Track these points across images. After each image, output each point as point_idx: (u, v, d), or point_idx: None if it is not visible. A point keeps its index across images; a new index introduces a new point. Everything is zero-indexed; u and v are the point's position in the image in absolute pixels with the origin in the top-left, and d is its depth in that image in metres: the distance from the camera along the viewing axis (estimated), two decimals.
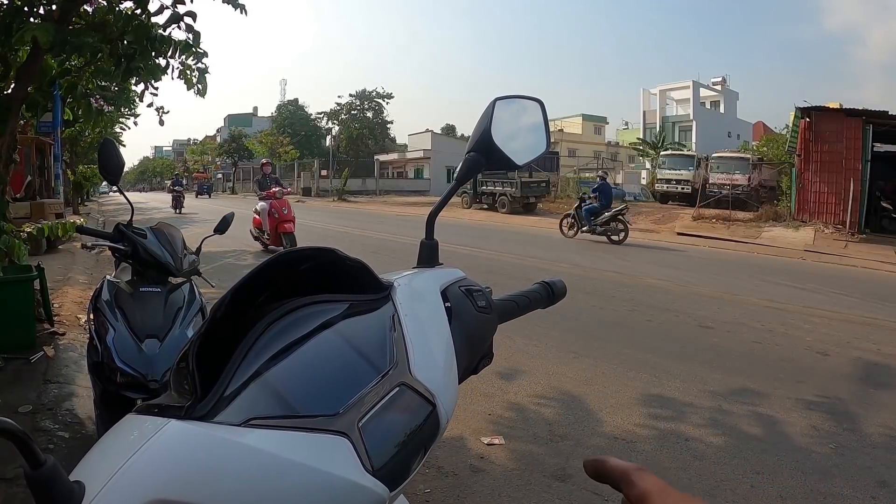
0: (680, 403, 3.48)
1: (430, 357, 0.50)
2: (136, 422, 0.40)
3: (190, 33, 3.86)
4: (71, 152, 16.59)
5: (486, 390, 3.55)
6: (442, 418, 0.47)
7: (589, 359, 4.27)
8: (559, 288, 0.77)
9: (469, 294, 0.61)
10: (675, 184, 22.60)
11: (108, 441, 0.40)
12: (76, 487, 0.35)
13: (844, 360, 4.47)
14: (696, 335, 5.06)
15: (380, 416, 0.43)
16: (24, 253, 4.16)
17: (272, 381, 0.42)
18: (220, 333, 0.45)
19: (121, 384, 1.78)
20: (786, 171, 18.34)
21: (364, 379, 0.45)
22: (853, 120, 14.82)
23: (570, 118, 50.09)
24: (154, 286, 2.01)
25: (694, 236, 14.38)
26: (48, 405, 3.02)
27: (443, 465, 2.65)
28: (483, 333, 0.61)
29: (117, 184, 2.03)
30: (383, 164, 43.53)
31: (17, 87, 3.95)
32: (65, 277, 6.45)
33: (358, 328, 0.49)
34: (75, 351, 3.94)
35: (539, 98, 0.76)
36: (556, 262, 9.28)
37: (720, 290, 7.27)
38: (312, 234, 12.73)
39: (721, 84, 44.52)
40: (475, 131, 0.70)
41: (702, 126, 39.20)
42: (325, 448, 0.40)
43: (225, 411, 0.39)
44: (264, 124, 52.58)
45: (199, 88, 4.21)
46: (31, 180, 10.02)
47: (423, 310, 0.54)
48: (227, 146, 47.73)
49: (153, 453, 0.36)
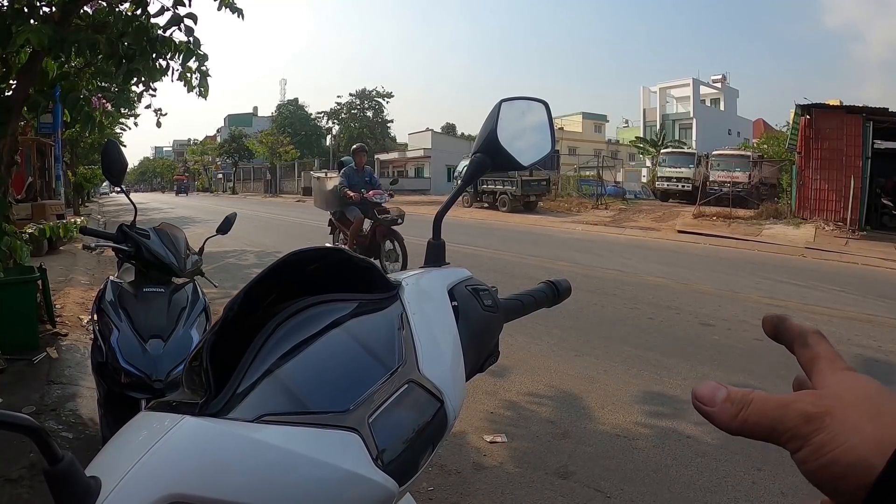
0: (681, 401, 3.48)
1: (437, 355, 0.51)
2: (151, 419, 0.41)
3: (190, 36, 3.87)
4: (72, 153, 16.59)
5: (488, 388, 3.56)
6: (450, 415, 0.48)
7: (590, 357, 4.28)
8: (564, 287, 0.78)
9: (476, 293, 0.62)
10: (676, 182, 22.57)
11: (123, 437, 0.41)
12: (93, 483, 0.36)
13: (845, 358, 4.42)
14: (698, 333, 5.07)
15: (389, 413, 0.44)
16: (25, 254, 4.16)
17: (284, 379, 0.43)
18: (231, 332, 0.45)
19: (125, 384, 1.79)
20: (786, 168, 18.33)
21: (373, 376, 0.46)
22: (853, 117, 14.80)
23: (571, 116, 50.05)
24: (157, 287, 2.02)
25: (695, 234, 14.36)
26: (51, 406, 3.03)
27: (446, 462, 2.66)
28: (489, 332, 0.62)
29: (121, 185, 2.04)
30: (384, 164, 43.51)
31: (18, 88, 3.96)
32: (66, 278, 6.47)
33: (367, 327, 0.49)
34: (78, 352, 3.95)
35: (544, 99, 0.77)
36: (557, 260, 9.28)
37: (721, 287, 7.27)
38: (317, 233, 12.73)
39: (721, 82, 44.52)
40: (481, 132, 0.71)
41: (702, 124, 39.21)
42: (336, 443, 0.41)
43: (238, 408, 0.40)
44: (264, 124, 52.58)
45: (201, 91, 4.21)
46: (32, 182, 10.01)
47: (430, 309, 0.55)
48: (228, 146, 47.76)
49: (168, 449, 0.37)
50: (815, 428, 0.29)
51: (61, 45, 3.36)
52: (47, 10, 3.76)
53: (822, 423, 0.29)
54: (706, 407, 0.33)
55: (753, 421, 0.31)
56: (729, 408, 0.32)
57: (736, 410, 0.32)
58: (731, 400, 0.32)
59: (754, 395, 0.32)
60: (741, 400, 0.32)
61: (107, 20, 3.92)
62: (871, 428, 0.28)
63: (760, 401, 0.31)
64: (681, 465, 2.72)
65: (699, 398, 0.33)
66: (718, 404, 0.32)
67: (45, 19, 3.51)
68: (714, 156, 21.85)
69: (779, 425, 0.30)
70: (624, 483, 2.55)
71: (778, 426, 0.30)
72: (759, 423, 0.31)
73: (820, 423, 0.29)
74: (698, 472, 2.66)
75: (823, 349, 0.35)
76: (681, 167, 22.76)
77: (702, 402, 0.33)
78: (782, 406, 0.30)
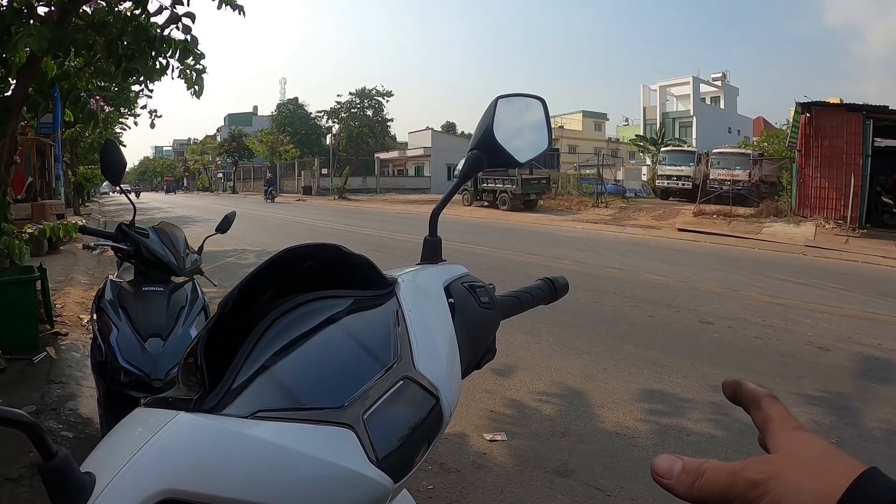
0: (681, 399, 3.48)
1: (433, 351, 0.50)
2: (146, 415, 0.41)
3: (187, 35, 3.86)
4: (72, 153, 16.58)
5: (487, 387, 3.56)
6: (445, 411, 0.48)
7: (590, 355, 4.28)
8: (561, 284, 0.78)
9: (472, 290, 0.62)
10: (676, 180, 22.55)
11: (118, 433, 0.41)
12: (87, 478, 0.36)
13: (845, 355, 4.47)
14: (697, 331, 5.07)
15: (384, 409, 0.44)
16: (25, 254, 4.16)
17: (278, 375, 0.43)
18: (226, 329, 0.45)
19: (124, 383, 1.79)
20: (786, 166, 18.29)
21: (368, 373, 0.46)
22: (853, 115, 14.77)
23: (571, 115, 50.02)
24: (157, 286, 2.02)
25: (695, 232, 14.36)
26: (52, 405, 3.03)
27: (445, 461, 2.66)
28: (486, 329, 0.62)
29: (119, 184, 2.04)
30: (384, 162, 43.50)
31: (18, 88, 3.96)
32: (66, 278, 6.47)
33: (362, 323, 0.49)
34: (78, 351, 3.95)
35: (541, 96, 0.76)
36: (558, 258, 9.28)
37: (721, 285, 7.27)
38: (314, 232, 12.75)
39: (721, 80, 44.45)
40: (477, 129, 0.70)
41: (702, 122, 39.15)
42: (330, 439, 0.41)
43: (233, 404, 0.40)
44: (264, 123, 52.46)
45: (196, 89, 4.21)
46: (32, 181, 10.01)
47: (426, 305, 0.55)
48: (228, 145, 47.67)
49: (162, 445, 0.37)
50: (761, 493, 0.31)
51: (59, 44, 3.36)
52: (46, 10, 3.76)
53: (767, 487, 0.31)
54: (664, 480, 0.35)
55: (708, 490, 0.33)
56: (685, 479, 0.34)
57: (691, 481, 0.34)
58: (686, 472, 0.34)
59: (707, 465, 0.34)
60: (695, 471, 0.34)
61: (106, 20, 3.92)
62: (812, 485, 0.30)
63: (713, 471, 0.33)
64: None
65: (657, 472, 0.35)
66: (675, 476, 0.34)
67: (43, 19, 3.51)
68: (714, 154, 21.83)
69: (729, 492, 0.32)
70: (624, 481, 2.55)
71: (728, 493, 0.32)
72: (713, 492, 0.33)
73: (765, 487, 0.31)
74: None
75: (775, 411, 0.37)
76: (681, 165, 22.74)
77: (660, 475, 0.35)
78: (731, 474, 0.32)
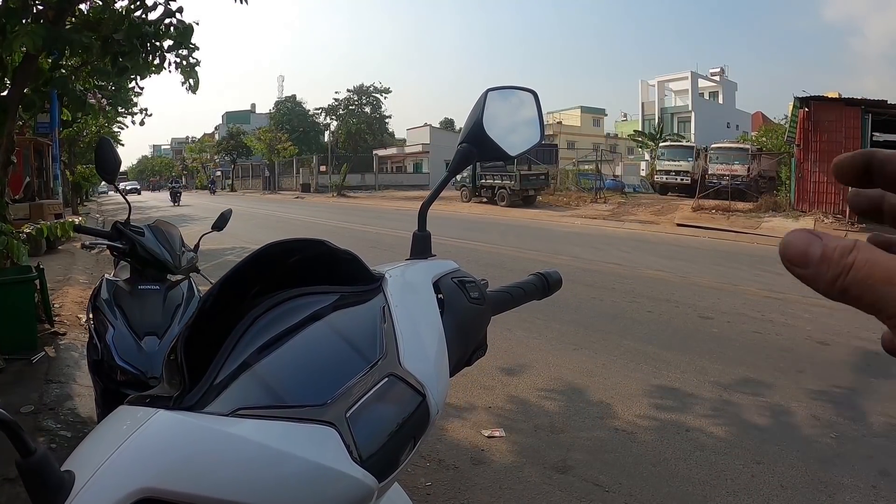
0: (680, 394, 3.48)
1: (420, 348, 0.50)
2: (127, 412, 0.41)
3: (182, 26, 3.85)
4: (69, 153, 16.56)
5: (486, 383, 3.56)
6: (432, 409, 0.47)
7: (589, 350, 4.28)
8: (555, 279, 0.77)
9: (462, 285, 0.61)
10: (675, 175, 22.55)
11: (99, 432, 0.41)
12: (66, 476, 0.36)
13: (845, 350, 4.48)
14: (697, 326, 5.07)
15: (368, 407, 0.43)
16: (23, 254, 4.16)
17: (261, 372, 0.42)
18: (210, 326, 0.45)
19: (121, 382, 1.78)
20: (785, 161, 18.28)
21: (353, 370, 0.45)
22: (852, 109, 14.76)
23: (569, 110, 50.00)
24: (153, 284, 2.02)
25: (694, 227, 14.35)
26: (50, 405, 3.03)
27: (443, 457, 2.66)
28: (476, 325, 0.61)
29: (114, 182, 2.03)
30: (382, 159, 43.45)
31: (14, 88, 3.94)
32: (65, 277, 6.47)
33: (348, 319, 0.48)
34: (76, 351, 3.94)
35: (533, 89, 0.75)
36: (556, 254, 9.28)
37: (720, 280, 7.27)
38: (312, 229, 12.74)
39: (720, 74, 44.37)
40: (467, 122, 0.69)
41: (700, 117, 39.08)
42: (312, 438, 0.40)
43: (213, 401, 0.40)
44: (263, 121, 52.42)
45: (191, 84, 4.19)
46: (30, 181, 10.00)
47: (414, 301, 0.54)
48: (226, 144, 47.65)
49: (141, 443, 0.37)
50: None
51: (55, 43, 3.35)
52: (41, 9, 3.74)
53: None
54: (798, 269, 0.27)
55: (855, 294, 0.26)
56: (825, 272, 0.26)
57: (833, 276, 0.26)
58: (826, 261, 0.26)
59: (856, 259, 0.26)
60: (839, 263, 0.26)
61: (101, 18, 3.91)
62: None
63: (864, 267, 0.25)
64: (680, 459, 2.72)
65: (789, 258, 0.28)
66: (813, 266, 0.27)
67: (39, 18, 3.50)
68: (713, 149, 21.84)
69: (886, 307, 0.25)
70: (623, 477, 2.55)
71: (885, 307, 0.25)
72: (861, 298, 0.25)
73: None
74: (697, 465, 2.66)
75: None
76: (679, 160, 22.74)
77: (792, 262, 0.27)
78: (890, 281, 0.25)
